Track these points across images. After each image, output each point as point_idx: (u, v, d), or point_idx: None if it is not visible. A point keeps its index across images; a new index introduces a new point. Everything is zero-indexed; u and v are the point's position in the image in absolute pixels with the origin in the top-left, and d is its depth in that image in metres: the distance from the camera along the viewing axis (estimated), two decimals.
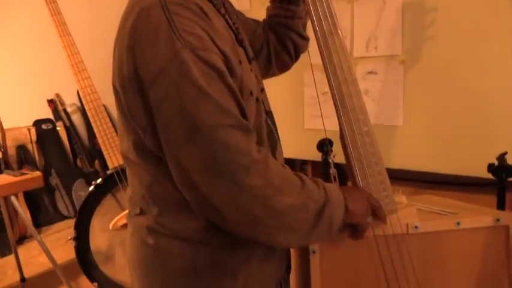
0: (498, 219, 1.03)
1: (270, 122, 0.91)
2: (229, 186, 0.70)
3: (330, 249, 0.98)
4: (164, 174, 0.77)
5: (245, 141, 0.71)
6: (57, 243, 2.96)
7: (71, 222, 1.76)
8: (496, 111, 1.64)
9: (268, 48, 1.11)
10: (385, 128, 1.89)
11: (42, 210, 3.53)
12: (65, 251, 2.75)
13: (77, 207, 1.74)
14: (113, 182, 1.76)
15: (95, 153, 3.88)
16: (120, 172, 1.75)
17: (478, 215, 1.05)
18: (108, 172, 1.77)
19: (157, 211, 0.81)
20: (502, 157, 1.40)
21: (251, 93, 0.80)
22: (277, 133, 0.94)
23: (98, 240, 1.85)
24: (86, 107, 1.73)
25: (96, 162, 3.85)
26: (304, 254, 0.98)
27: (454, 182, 1.84)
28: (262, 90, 0.94)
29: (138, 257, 0.87)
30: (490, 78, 1.64)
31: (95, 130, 1.76)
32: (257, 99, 0.84)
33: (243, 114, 0.74)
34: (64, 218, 3.57)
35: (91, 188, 1.74)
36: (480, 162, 1.48)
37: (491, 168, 1.41)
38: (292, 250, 1.01)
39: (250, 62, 0.88)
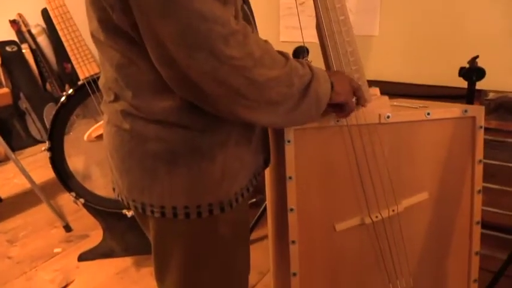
0: (466, 111, 1.07)
1: (246, 9, 0.89)
2: (208, 58, 0.68)
3: (304, 138, 1.00)
4: (137, 54, 0.75)
5: (221, 10, 0.68)
6: (32, 166, 2.94)
7: (44, 146, 1.74)
8: (471, 19, 1.64)
9: None
10: (361, 39, 1.87)
11: (14, 135, 3.46)
12: (40, 173, 2.75)
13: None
14: (84, 93, 1.71)
15: (65, 77, 3.75)
16: (92, 83, 1.70)
17: (446, 107, 1.09)
18: (79, 83, 1.71)
19: (131, 94, 0.80)
20: (473, 60, 1.42)
21: None
22: (254, 21, 0.92)
23: (74, 162, 1.83)
24: (51, 14, 1.63)
25: (67, 86, 3.74)
26: (280, 144, 1.01)
27: (427, 94, 1.87)
28: None
29: (115, 144, 0.87)
30: None
31: (63, 39, 1.68)
32: None
33: None
34: (37, 142, 3.52)
35: (62, 98, 1.69)
36: (454, 72, 1.50)
37: (462, 71, 1.43)
38: (270, 141, 1.02)
39: None
